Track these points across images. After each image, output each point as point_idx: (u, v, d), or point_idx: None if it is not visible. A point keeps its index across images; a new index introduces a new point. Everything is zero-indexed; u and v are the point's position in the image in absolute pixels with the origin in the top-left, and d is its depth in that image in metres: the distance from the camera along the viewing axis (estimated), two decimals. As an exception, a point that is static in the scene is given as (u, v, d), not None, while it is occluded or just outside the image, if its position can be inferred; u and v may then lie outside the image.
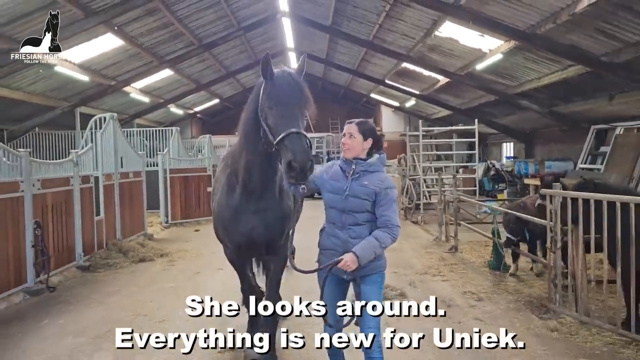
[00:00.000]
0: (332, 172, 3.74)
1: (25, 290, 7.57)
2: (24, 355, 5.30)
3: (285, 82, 3.78)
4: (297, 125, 3.57)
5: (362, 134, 3.64)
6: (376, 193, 3.53)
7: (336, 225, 3.62)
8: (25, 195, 7.71)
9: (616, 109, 14.42)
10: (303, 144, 3.50)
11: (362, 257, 3.39)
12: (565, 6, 9.86)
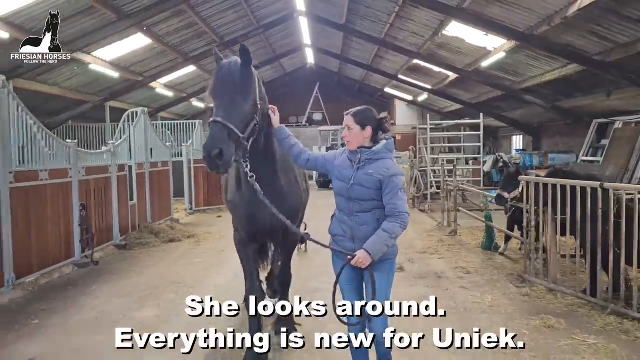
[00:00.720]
0: (342, 159, 3.73)
1: (74, 263, 8.72)
2: (81, 310, 6.42)
3: (219, 72, 3.85)
4: (220, 114, 3.62)
5: (359, 124, 3.61)
6: (381, 181, 3.50)
7: (344, 212, 3.65)
8: (73, 180, 8.85)
9: (614, 104, 15.14)
10: (215, 132, 3.56)
11: (374, 253, 3.40)
12: (559, 9, 10.73)
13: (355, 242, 3.55)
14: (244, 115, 3.74)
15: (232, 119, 3.62)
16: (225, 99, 3.70)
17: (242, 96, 3.77)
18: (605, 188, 5.68)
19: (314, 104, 32.12)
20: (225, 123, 3.57)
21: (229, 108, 3.67)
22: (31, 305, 6.63)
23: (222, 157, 3.50)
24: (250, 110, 3.81)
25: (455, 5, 12.35)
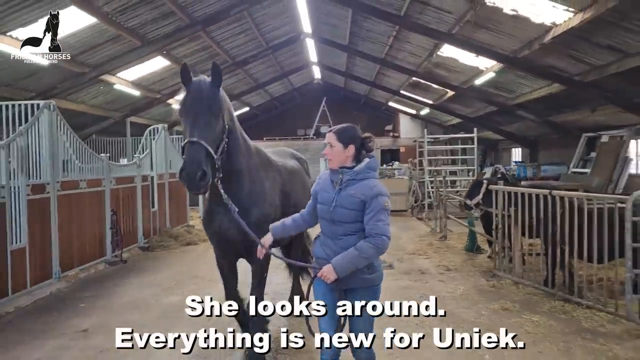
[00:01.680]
0: (323, 182, 3.64)
1: (105, 261, 10.00)
2: (119, 297, 7.66)
3: (191, 91, 3.88)
4: (196, 134, 3.66)
5: (342, 142, 3.50)
6: (364, 202, 3.37)
7: (327, 236, 3.53)
8: (106, 189, 10.16)
9: (600, 119, 16.25)
10: (194, 153, 3.60)
11: (339, 269, 3.29)
12: (537, 36, 11.92)
13: None
14: (216, 135, 3.84)
15: (207, 139, 3.70)
16: (200, 119, 3.75)
17: (215, 116, 3.85)
18: (554, 195, 6.85)
19: (321, 117, 33.34)
20: (202, 143, 3.63)
21: (204, 128, 3.72)
22: (75, 293, 7.92)
23: (205, 179, 3.58)
24: (221, 130, 3.91)
25: (446, 31, 13.59)
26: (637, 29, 9.72)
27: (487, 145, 30.65)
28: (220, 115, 3.90)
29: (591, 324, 5.89)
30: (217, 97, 3.92)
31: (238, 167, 4.37)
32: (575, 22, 10.19)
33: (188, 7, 13.13)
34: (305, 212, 3.78)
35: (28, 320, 6.60)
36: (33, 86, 13.68)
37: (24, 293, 7.43)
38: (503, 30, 12.47)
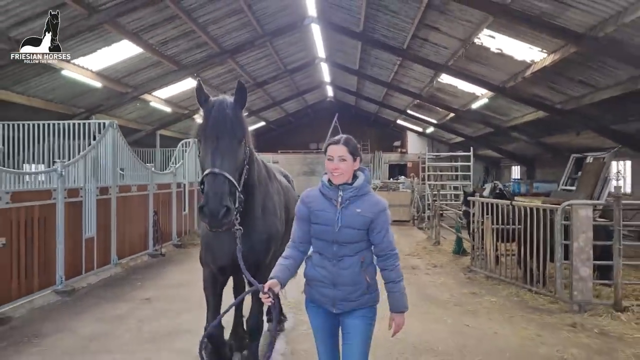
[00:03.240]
0: (314, 201, 3.31)
1: (148, 254, 11.90)
2: (166, 279, 9.53)
3: (213, 112, 3.53)
4: (218, 164, 3.31)
5: (352, 154, 3.25)
6: (372, 220, 3.19)
7: (325, 257, 3.26)
8: (149, 193, 12.10)
9: (584, 142, 18.00)
10: (216, 187, 3.24)
11: (405, 307, 3.27)
12: (520, 71, 13.78)
13: (337, 289, 3.21)
14: (239, 163, 3.51)
15: (230, 168, 3.36)
16: (222, 146, 3.39)
17: (238, 142, 3.50)
18: (514, 205, 8.67)
19: (333, 132, 35.20)
20: (226, 175, 3.30)
21: (227, 157, 3.37)
22: (130, 276, 9.82)
23: (228, 216, 3.24)
24: (243, 158, 3.57)
25: (443, 63, 15.51)
26: (600, 68, 11.56)
27: (489, 162, 32.45)
28: (243, 141, 3.53)
29: (535, 303, 7.67)
30: (241, 120, 3.57)
31: (252, 184, 4.03)
32: (549, 61, 12.05)
33: (219, 39, 15.18)
34: (297, 242, 3.37)
35: (101, 291, 8.51)
36: (82, 103, 15.78)
37: (91, 274, 9.33)
38: (491, 64, 14.36)
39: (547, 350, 5.67)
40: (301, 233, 3.35)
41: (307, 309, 3.41)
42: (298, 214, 3.35)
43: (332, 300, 3.22)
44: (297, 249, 3.36)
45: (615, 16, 8.94)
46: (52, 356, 5.52)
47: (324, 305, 3.27)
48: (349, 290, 3.19)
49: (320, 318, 3.33)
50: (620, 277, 7.12)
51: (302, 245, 3.37)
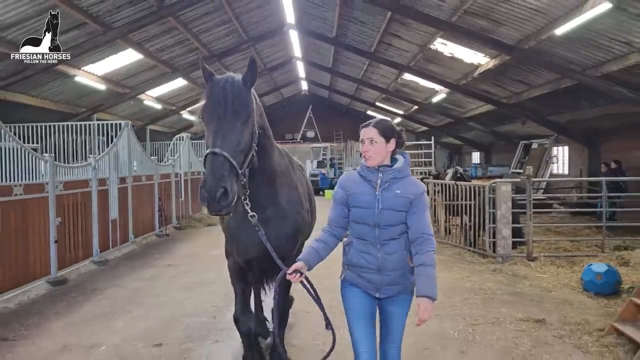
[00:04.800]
0: (353, 183, 3.21)
1: (155, 234, 13.91)
2: (179, 252, 11.58)
3: (215, 91, 3.26)
4: (219, 144, 3.08)
5: (384, 136, 3.12)
6: (411, 201, 3.06)
7: (368, 242, 3.13)
8: (155, 182, 14.08)
9: (530, 130, 20.58)
10: (215, 168, 3.01)
11: (434, 294, 3.01)
12: (470, 71, 16.14)
13: (382, 274, 3.12)
14: (244, 145, 3.25)
15: (232, 149, 3.13)
16: (224, 126, 3.17)
17: (243, 122, 3.25)
18: (457, 184, 11.00)
19: (307, 123, 37.34)
20: (226, 155, 3.06)
21: (229, 136, 3.15)
22: (146, 251, 11.85)
23: (226, 198, 2.99)
24: (249, 139, 3.31)
25: (405, 64, 17.79)
26: (532, 71, 13.99)
27: (452, 149, 35.12)
28: (249, 121, 3.29)
29: (470, 259, 10.03)
30: (247, 98, 3.31)
31: (273, 170, 3.82)
32: (491, 64, 14.43)
33: (209, 44, 17.12)
34: (332, 225, 3.30)
35: (128, 262, 10.54)
36: (85, 103, 17.55)
37: (115, 249, 11.32)
38: (446, 65, 16.69)
39: (471, 285, 7.99)
40: (337, 217, 3.26)
41: (346, 294, 3.28)
42: (336, 197, 3.28)
43: (377, 285, 3.14)
44: (331, 233, 3.28)
45: (536, 33, 11.30)
46: (115, 301, 7.57)
47: (368, 290, 3.18)
48: (394, 274, 3.11)
49: (360, 303, 3.21)
50: (531, 235, 9.53)
51: (336, 229, 3.28)
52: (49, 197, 8.52)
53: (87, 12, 11.44)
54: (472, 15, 11.65)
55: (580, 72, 11.87)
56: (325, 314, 3.36)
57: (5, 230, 7.37)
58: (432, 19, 12.49)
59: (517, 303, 6.99)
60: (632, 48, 10.09)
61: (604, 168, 14.90)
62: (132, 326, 6.26)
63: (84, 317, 6.72)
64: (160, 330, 6.08)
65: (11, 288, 7.48)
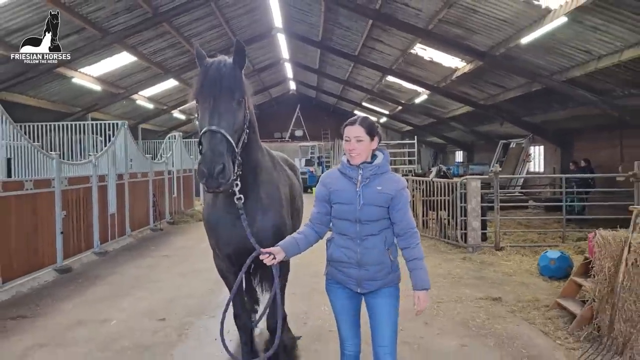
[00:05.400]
0: (333, 181, 3.26)
1: (150, 228, 14.64)
2: (173, 244, 12.33)
3: (210, 71, 3.32)
4: (215, 122, 3.10)
5: (369, 134, 3.17)
6: (392, 197, 3.11)
7: (348, 237, 3.18)
8: (149, 179, 14.79)
9: (508, 131, 21.54)
10: (214, 144, 3.03)
11: (428, 284, 3.13)
12: (448, 75, 17.04)
13: (362, 269, 3.14)
14: (238, 125, 3.28)
15: (228, 128, 3.14)
16: (221, 104, 3.18)
17: (238, 103, 3.28)
18: (433, 181, 11.88)
19: (296, 122, 38.10)
20: (223, 133, 3.08)
21: (225, 115, 3.15)
22: (142, 243, 12.58)
23: (224, 174, 2.98)
24: (242, 120, 3.34)
25: (388, 67, 18.66)
26: (506, 75, 14.89)
27: (437, 148, 36.10)
28: (243, 102, 3.33)
29: (444, 249, 10.92)
30: (240, 80, 3.37)
31: (256, 164, 3.82)
32: (468, 68, 15.33)
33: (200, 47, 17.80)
34: (314, 222, 3.33)
35: (127, 253, 11.28)
36: (80, 103, 18.19)
37: (113, 242, 12.04)
38: (427, 69, 17.59)
39: (442, 271, 8.86)
40: (318, 214, 3.31)
41: (329, 290, 3.35)
42: (317, 194, 3.32)
43: (357, 280, 3.16)
44: (312, 228, 3.32)
45: (505, 40, 12.21)
46: (118, 286, 8.31)
47: (349, 285, 3.21)
48: (374, 269, 3.13)
49: (343, 298, 3.26)
50: (498, 227, 10.44)
51: (318, 226, 3.32)
52: (55, 192, 9.24)
53: (86, 19, 12.14)
54: (447, 24, 12.52)
55: (547, 76, 12.79)
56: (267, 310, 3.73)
57: (18, 222, 8.09)
58: (410, 26, 13.35)
59: (480, 285, 7.87)
60: (591, 56, 11.02)
61: (573, 166, 15.88)
62: (136, 305, 7.03)
63: (91, 298, 7.48)
64: (162, 308, 6.86)
65: (23, 274, 8.20)
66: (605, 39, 10.06)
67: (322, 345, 5.36)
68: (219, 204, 3.83)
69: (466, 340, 5.58)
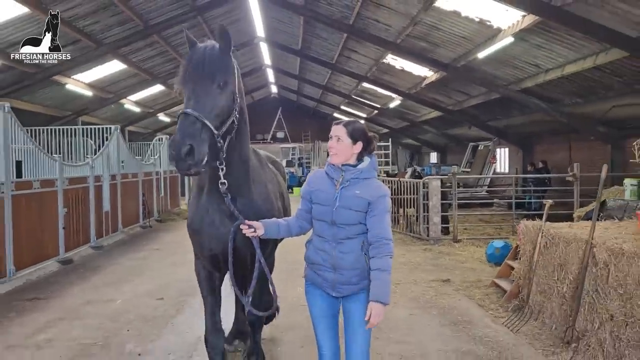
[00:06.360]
0: (317, 180, 3.28)
1: (139, 225, 15.65)
2: (163, 239, 13.37)
3: (193, 55, 3.25)
4: (191, 105, 3.02)
5: (351, 137, 3.15)
6: (370, 203, 3.06)
7: (324, 239, 3.17)
8: (139, 180, 15.80)
9: (476, 134, 22.95)
10: (184, 127, 2.94)
11: (387, 299, 2.99)
12: (417, 83, 18.35)
13: (337, 272, 3.12)
14: (220, 108, 3.15)
15: (206, 111, 3.03)
16: (199, 88, 3.09)
17: (220, 86, 3.15)
18: (401, 181, 13.14)
19: (277, 124, 39.15)
20: (197, 116, 2.97)
21: (203, 99, 3.06)
22: (134, 239, 13.61)
23: (193, 156, 2.89)
24: (227, 104, 3.21)
25: (363, 74, 19.93)
26: (469, 83, 16.21)
27: (413, 149, 37.53)
28: (227, 86, 3.20)
29: (409, 242, 12.18)
30: (225, 63, 3.24)
31: (246, 159, 3.70)
32: (434, 77, 16.65)
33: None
34: (302, 217, 3.34)
35: (121, 247, 12.32)
36: (71, 107, 19.10)
37: (107, 237, 13.04)
38: (398, 77, 18.89)
39: (404, 259, 10.09)
40: (301, 211, 3.33)
41: (307, 293, 3.33)
42: (302, 193, 3.36)
43: (332, 283, 3.14)
44: (296, 222, 3.35)
45: (465, 54, 13.51)
46: (118, 274, 9.36)
47: (324, 289, 3.20)
48: (349, 274, 3.10)
49: (320, 302, 3.25)
50: (456, 222, 11.73)
51: (303, 220, 3.34)
52: (58, 191, 10.26)
53: (82, 31, 13.14)
54: (413, 38, 13.79)
55: (504, 86, 14.15)
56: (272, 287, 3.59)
57: (27, 218, 9.11)
58: (380, 39, 14.61)
59: (434, 271, 9.13)
60: (539, 69, 12.38)
61: (530, 167, 17.30)
62: (136, 288, 8.12)
63: (95, 284, 8.55)
64: (160, 290, 7.97)
65: (31, 264, 9.20)
66: (550, 56, 11.41)
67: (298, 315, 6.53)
68: (203, 201, 3.73)
69: (415, 311, 6.80)
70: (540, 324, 6.04)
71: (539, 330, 5.93)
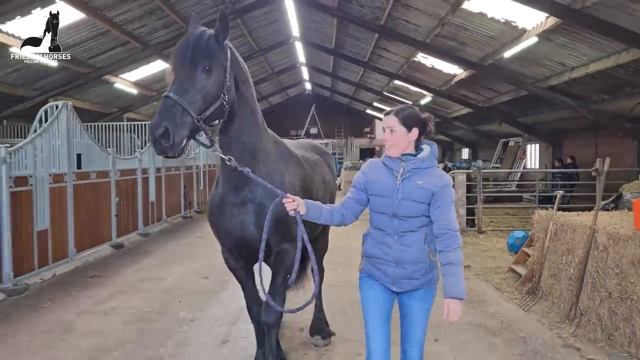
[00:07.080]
0: (374, 171, 3.11)
1: (181, 216, 16.65)
2: (201, 228, 14.29)
3: (181, 43, 3.23)
4: (172, 89, 3.03)
5: (405, 125, 2.99)
6: (433, 193, 2.92)
7: (386, 232, 3.01)
8: (181, 173, 16.81)
9: (507, 130, 23.19)
10: (163, 108, 2.95)
11: (463, 294, 2.88)
12: (448, 80, 18.82)
13: (399, 267, 2.99)
14: (204, 92, 3.11)
15: (187, 95, 3.02)
16: (183, 72, 3.10)
17: (204, 70, 3.13)
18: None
19: (311, 120, 39.92)
20: (177, 99, 2.97)
21: (186, 83, 3.06)
22: (176, 228, 14.60)
23: (168, 138, 2.90)
24: (214, 88, 3.16)
25: (395, 72, 20.50)
26: (495, 83, 16.60)
27: (445, 145, 37.76)
28: (214, 71, 3.14)
29: (436, 232, 12.74)
30: (214, 49, 3.18)
31: (252, 147, 3.62)
32: (464, 75, 17.10)
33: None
34: (348, 206, 3.15)
35: (168, 234, 13.30)
36: (117, 104, 20.26)
37: (153, 226, 14.02)
38: (429, 74, 19.38)
39: (429, 248, 10.70)
40: (349, 200, 3.16)
41: (362, 284, 3.19)
42: (355, 181, 3.19)
43: (394, 278, 3.01)
44: (341, 211, 3.18)
45: (493, 53, 13.96)
46: (166, 257, 10.28)
47: (384, 283, 3.07)
48: (412, 268, 2.98)
49: (376, 294, 3.10)
50: (481, 214, 12.26)
51: (347, 211, 3.17)
52: (111, 182, 11.28)
53: (131, 34, 14.16)
54: (442, 38, 14.32)
55: (531, 84, 14.52)
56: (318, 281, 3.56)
57: (86, 205, 10.13)
58: (411, 39, 15.18)
59: (457, 258, 9.72)
60: (565, 67, 12.75)
61: (558, 163, 17.57)
62: (184, 269, 9.02)
63: (147, 265, 9.48)
64: (205, 270, 8.83)
65: (89, 247, 10.22)
66: (574, 54, 11.80)
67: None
68: (221, 189, 3.80)
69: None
70: (550, 304, 6.61)
71: (548, 309, 6.50)
